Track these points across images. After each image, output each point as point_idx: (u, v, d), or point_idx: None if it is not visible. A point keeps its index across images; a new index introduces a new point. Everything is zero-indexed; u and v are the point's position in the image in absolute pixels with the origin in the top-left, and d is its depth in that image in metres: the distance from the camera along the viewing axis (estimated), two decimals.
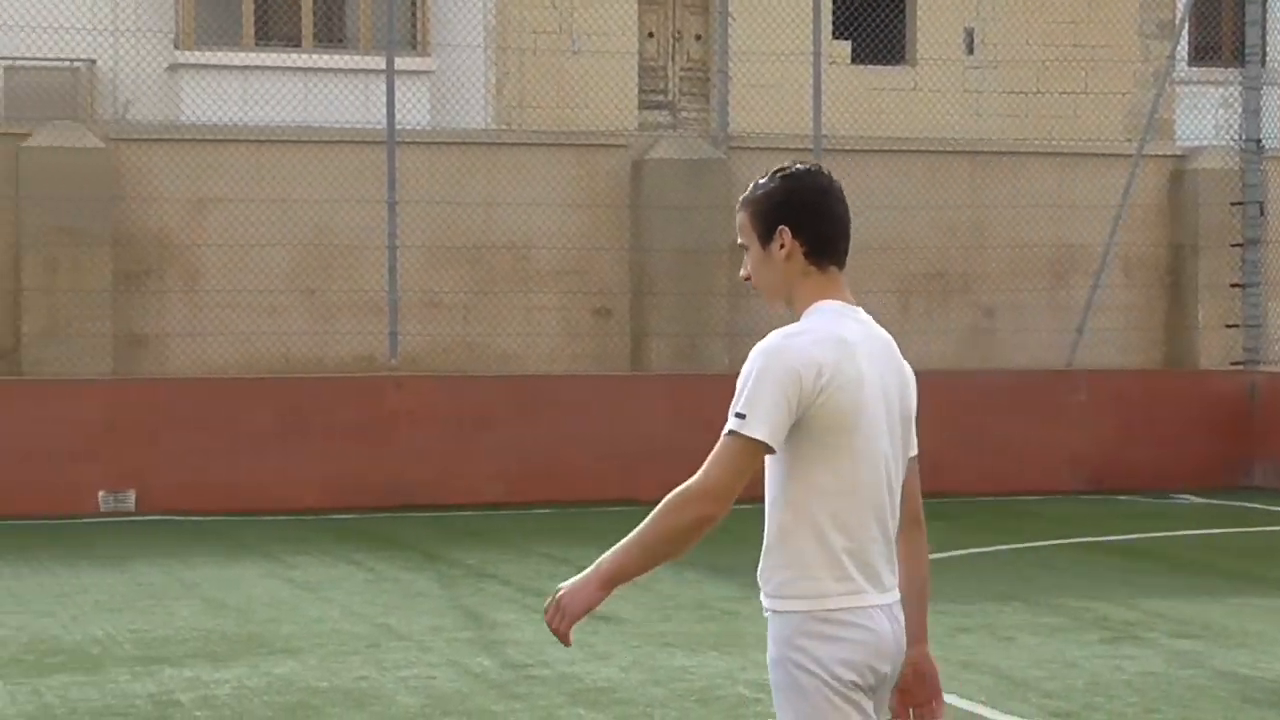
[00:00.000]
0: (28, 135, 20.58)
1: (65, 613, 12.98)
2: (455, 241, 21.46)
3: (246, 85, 23.35)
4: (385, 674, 10.81)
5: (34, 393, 19.01)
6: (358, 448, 19.12)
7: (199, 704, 9.95)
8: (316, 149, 21.34)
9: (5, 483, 18.22)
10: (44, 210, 20.22)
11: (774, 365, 4.65)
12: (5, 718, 9.63)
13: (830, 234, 4.81)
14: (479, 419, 19.67)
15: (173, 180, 20.81)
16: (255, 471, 18.88)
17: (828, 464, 4.68)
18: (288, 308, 21.01)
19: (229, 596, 13.75)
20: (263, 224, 20.81)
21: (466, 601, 13.67)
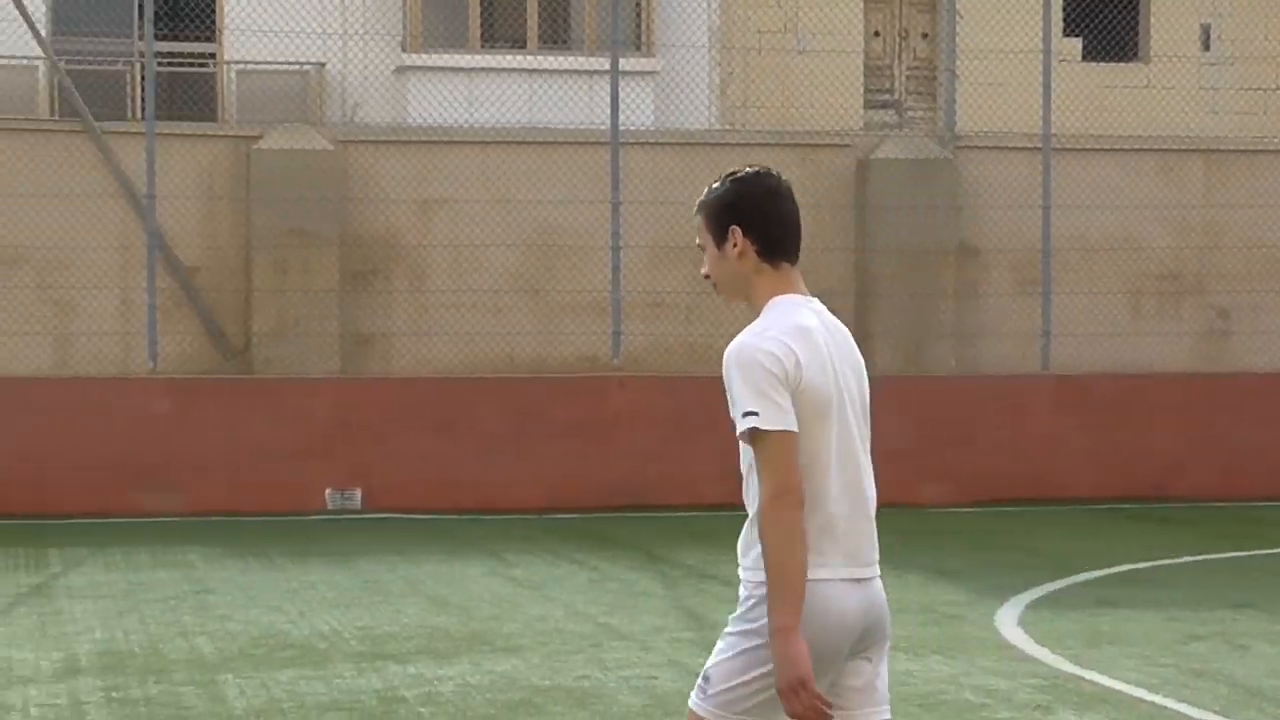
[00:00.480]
0: (259, 138, 20.95)
1: (293, 608, 13.18)
2: (678, 241, 21.40)
3: (472, 87, 23.56)
4: (607, 673, 10.82)
5: (264, 391, 19.34)
6: (581, 448, 19.21)
7: (423, 700, 10.03)
8: (541, 150, 21.48)
9: (236, 480, 18.59)
10: (274, 212, 20.57)
11: (750, 363, 4.90)
12: (234, 711, 9.77)
13: (780, 233, 5.11)
14: (702, 419, 19.57)
15: (399, 182, 21.05)
16: (479, 471, 19.04)
17: (805, 446, 4.89)
18: (512, 308, 21.16)
19: (452, 594, 13.88)
20: (487, 225, 20.98)
21: (689, 602, 13.66)
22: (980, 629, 12.39)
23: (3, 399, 18.62)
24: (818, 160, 21.95)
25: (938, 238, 21.38)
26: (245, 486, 18.52)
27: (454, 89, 23.42)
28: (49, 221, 20.13)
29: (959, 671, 10.78)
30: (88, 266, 20.27)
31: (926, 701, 9.99)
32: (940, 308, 21.53)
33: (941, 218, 21.43)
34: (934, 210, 21.29)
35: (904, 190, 21.44)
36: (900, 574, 15.02)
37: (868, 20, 24.62)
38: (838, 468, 5.01)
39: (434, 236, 21.09)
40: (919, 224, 21.32)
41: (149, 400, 18.81)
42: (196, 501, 18.41)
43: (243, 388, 19.39)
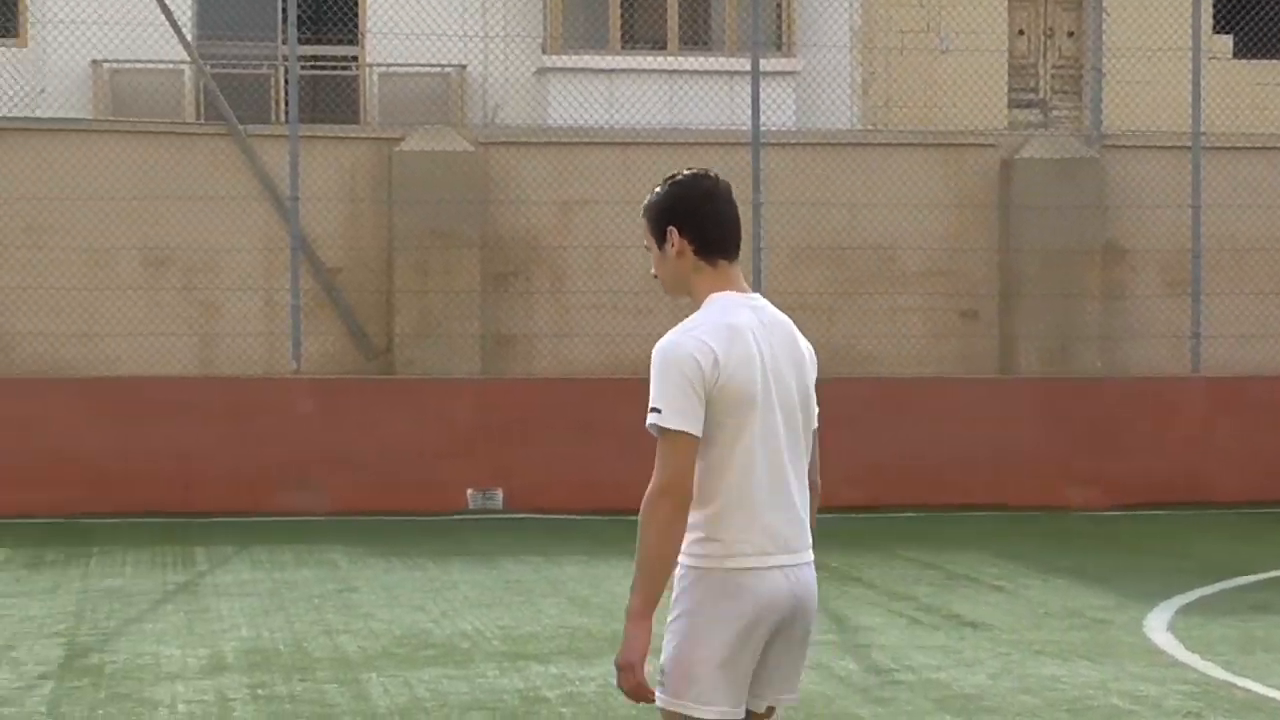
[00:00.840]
0: (400, 140, 21.08)
1: (436, 607, 13.26)
2: (819, 242, 21.41)
3: (612, 88, 23.62)
4: None
5: (406, 392, 19.47)
6: None
7: (565, 700, 10.07)
8: (681, 151, 21.43)
9: (379, 480, 18.72)
10: (416, 213, 20.69)
11: (675, 359, 5.16)
12: (378, 709, 9.84)
13: (716, 233, 5.32)
14: (842, 420, 19.46)
15: (540, 183, 21.12)
16: (620, 471, 18.97)
17: (725, 438, 5.17)
18: (653, 309, 21.11)
19: (594, 595, 13.92)
20: (628, 226, 20.94)
21: (830, 604, 13.58)
22: (1129, 634, 12.25)
23: (150, 399, 18.88)
24: (961, 160, 21.82)
25: (1083, 238, 21.17)
26: (388, 486, 18.65)
27: (594, 90, 23.49)
28: (194, 224, 20.38)
29: (1107, 677, 10.66)
30: (232, 268, 20.50)
31: (1074, 707, 9.89)
32: (1086, 309, 21.31)
33: (1087, 218, 21.22)
34: (1079, 210, 21.08)
35: (1049, 190, 21.24)
36: (1046, 578, 14.91)
37: (1012, 19, 24.45)
38: (762, 460, 5.23)
39: (574, 237, 21.14)
40: (1064, 224, 21.13)
41: (292, 401, 19.00)
42: (340, 501, 18.56)
43: (385, 388, 19.53)
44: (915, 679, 10.63)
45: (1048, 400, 20.22)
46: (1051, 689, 10.35)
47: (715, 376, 5.14)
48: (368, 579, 14.57)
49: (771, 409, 5.27)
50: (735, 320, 5.24)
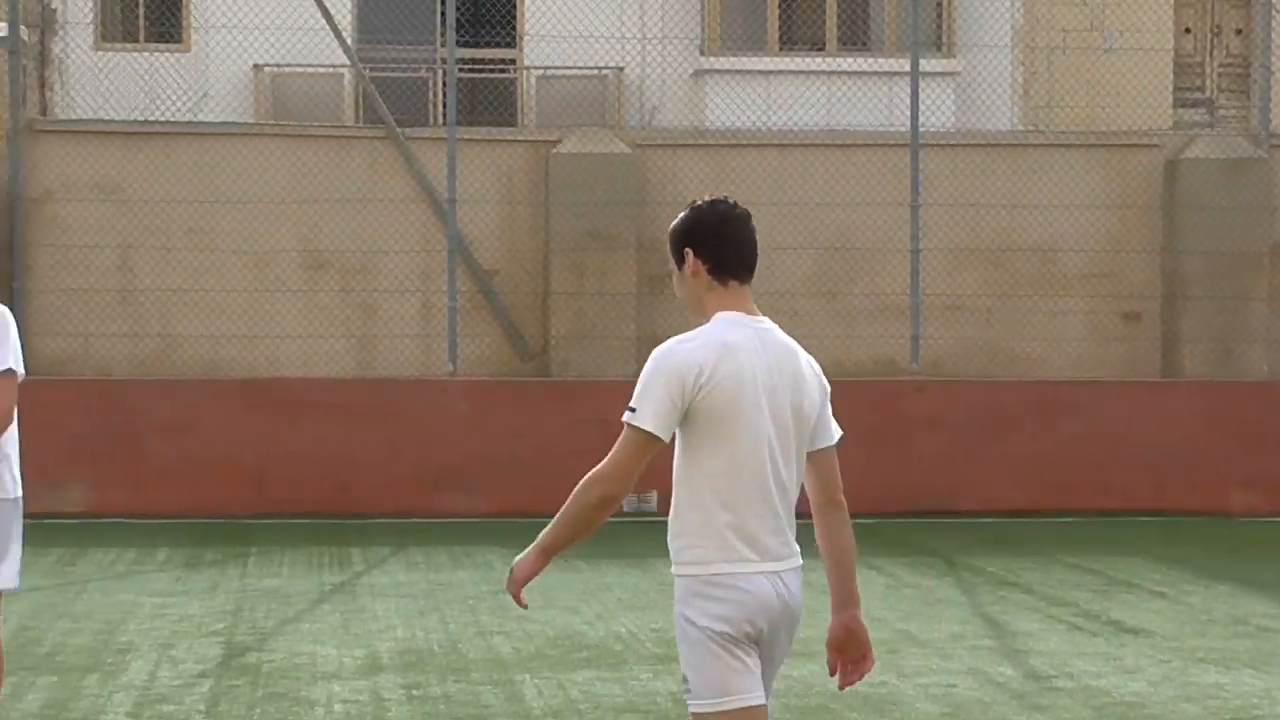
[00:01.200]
0: (557, 142, 21.14)
1: (590, 610, 13.27)
2: (979, 244, 21.21)
3: (770, 90, 23.54)
4: (905, 680, 10.72)
5: (561, 394, 19.50)
6: (877, 452, 19.05)
7: None
8: (839, 152, 21.36)
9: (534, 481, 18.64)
10: (572, 215, 20.73)
11: (662, 367, 5.49)
12: (531, 711, 9.86)
13: (728, 255, 5.67)
14: (1002, 424, 19.41)
15: (697, 184, 21.02)
16: None
17: (713, 449, 5.50)
18: (809, 311, 21.04)
19: None
20: (785, 227, 20.87)
21: (988, 609, 13.47)
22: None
23: (307, 400, 19.05)
24: (1124, 161, 21.54)
25: (1250, 239, 20.83)
26: (543, 488, 18.61)
27: (752, 92, 23.42)
28: (353, 226, 20.55)
29: (1273, 686, 10.47)
30: (390, 270, 20.65)
31: (1238, 717, 9.71)
32: (1252, 311, 20.97)
33: (1254, 218, 20.87)
34: (1246, 211, 20.75)
35: (1215, 190, 20.92)
36: (1209, 584, 14.67)
37: (1178, 17, 24.08)
38: (748, 471, 5.54)
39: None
40: (1230, 225, 20.79)
41: (449, 402, 19.10)
42: (495, 503, 18.61)
43: (540, 390, 19.58)
44: (1074, 686, 10.50)
45: (1211, 404, 19.91)
46: (1214, 698, 10.17)
47: (696, 388, 5.46)
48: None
49: (761, 424, 5.55)
50: (732, 339, 5.55)
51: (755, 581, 5.55)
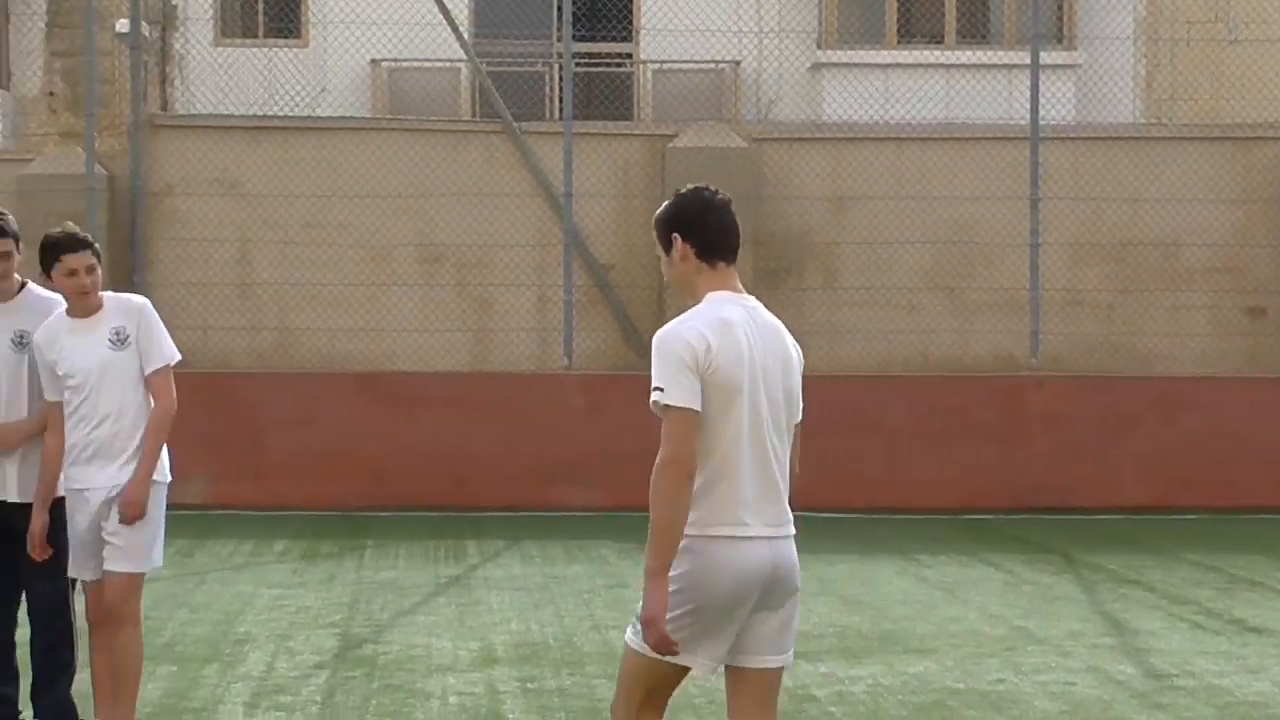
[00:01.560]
0: (674, 136, 21.11)
1: None
2: (1099, 238, 21.00)
3: (888, 83, 23.44)
4: (1023, 678, 10.62)
5: None
6: (995, 448, 18.94)
7: (834, 700, 9.98)
8: (957, 146, 21.21)
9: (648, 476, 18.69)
10: None
11: (672, 345, 5.81)
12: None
13: (713, 238, 6.03)
14: (1123, 420, 19.20)
15: (813, 179, 21.01)
16: (892, 470, 18.90)
17: (716, 423, 5.81)
18: (926, 306, 20.94)
19: (864, 594, 13.79)
20: (902, 222, 20.80)
21: (1108, 607, 13.32)
22: None
23: (423, 394, 19.12)
24: (1249, 154, 21.25)
25: None
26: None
27: (869, 85, 23.32)
28: (469, 220, 20.61)
29: None
30: (506, 264, 20.70)
31: None
32: None
33: None
34: None
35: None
36: None
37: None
38: (748, 441, 5.87)
39: (847, 233, 21.00)
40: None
41: (564, 396, 19.13)
42: (609, 496, 18.58)
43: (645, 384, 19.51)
44: (1196, 685, 10.36)
45: None
46: None
47: (708, 363, 5.79)
48: (637, 575, 14.38)
49: (758, 398, 5.90)
50: (728, 316, 5.91)
51: (748, 547, 5.87)
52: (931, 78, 23.39)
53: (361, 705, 9.79)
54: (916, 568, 15.16)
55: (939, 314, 20.96)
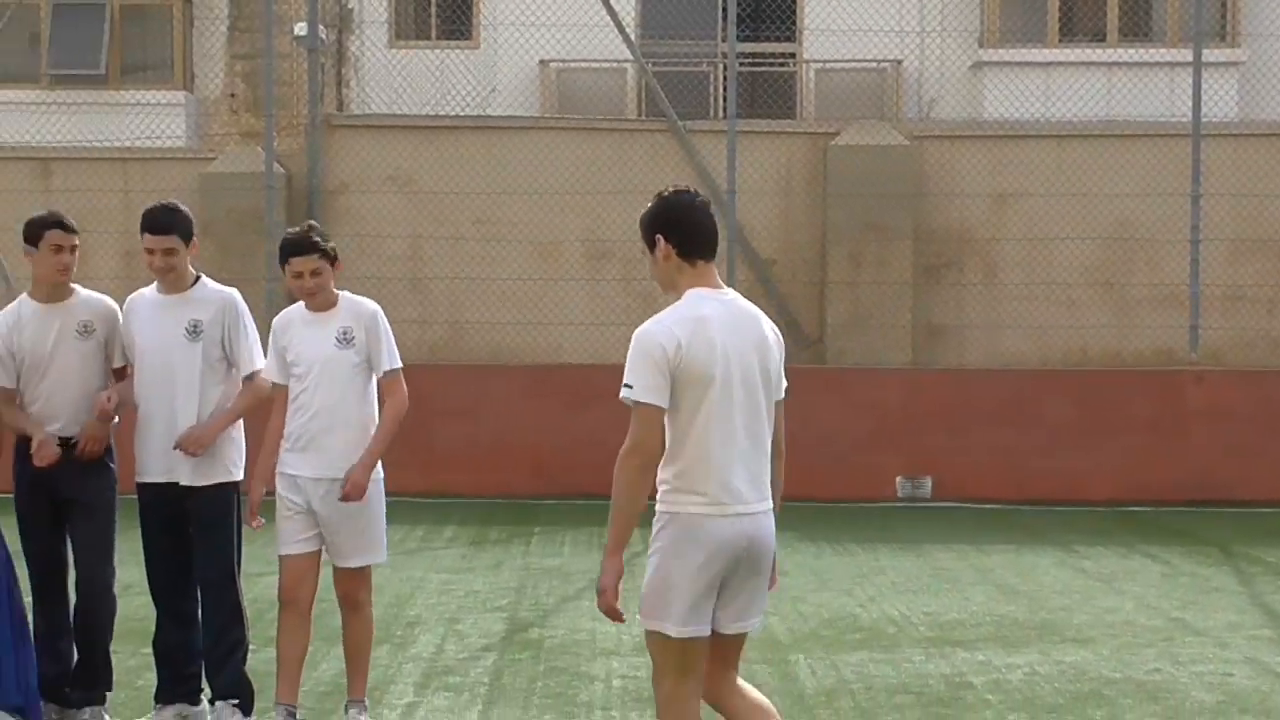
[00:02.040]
0: (836, 134, 21.06)
1: (863, 592, 13.21)
2: (1260, 234, 20.68)
3: (1049, 81, 23.21)
4: (1180, 668, 10.52)
5: (837, 380, 19.39)
6: (1154, 442, 18.72)
7: (990, 688, 9.94)
8: (1118, 143, 20.98)
9: (808, 466, 18.65)
10: (849, 206, 20.63)
11: (645, 346, 6.33)
12: (804, 690, 9.85)
13: (692, 238, 6.48)
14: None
15: (974, 176, 20.86)
16: (1050, 462, 18.73)
17: (691, 411, 6.34)
18: (1086, 301, 20.74)
19: (1022, 584, 13.70)
20: (1062, 218, 20.62)
21: (1267, 599, 13.14)
22: None
23: (591, 387, 19.12)
24: None
25: None
26: (818, 473, 18.60)
27: (1030, 83, 23.10)
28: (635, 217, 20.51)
29: None
30: None
31: None
32: None
33: None
34: None
35: None
36: None
37: None
38: (718, 424, 6.35)
39: (1007, 230, 20.83)
40: None
41: None
42: None
43: (816, 378, 19.47)
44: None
45: None
46: None
47: (678, 360, 6.28)
48: (797, 563, 14.51)
49: (730, 386, 6.36)
50: (703, 312, 6.36)
51: (724, 523, 6.37)
52: (1093, 75, 23.14)
53: (528, 687, 9.89)
54: (1074, 558, 15.03)
55: (1099, 309, 20.74)
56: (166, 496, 8.64)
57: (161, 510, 8.69)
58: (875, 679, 10.14)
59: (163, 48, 24.68)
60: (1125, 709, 9.45)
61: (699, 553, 6.35)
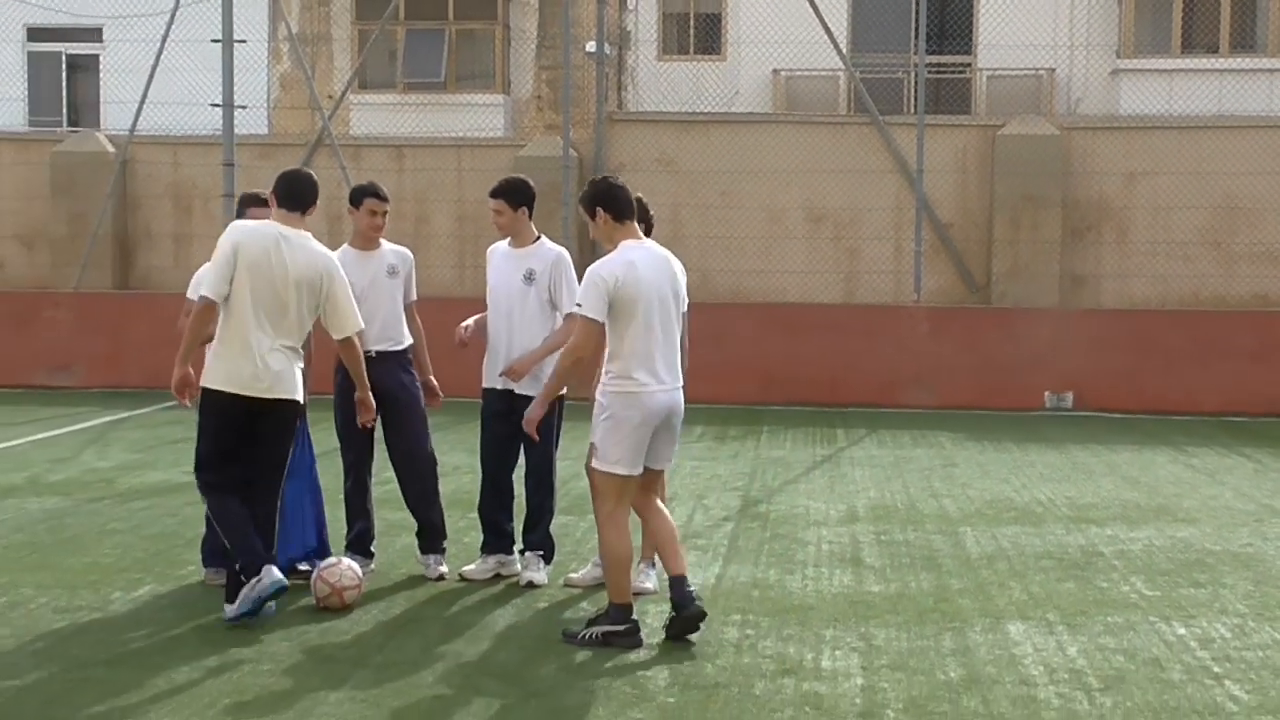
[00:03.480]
0: (1001, 126, 20.70)
1: (1017, 480, 13.06)
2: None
3: (1172, 85, 22.60)
4: (1267, 543, 10.28)
5: (1000, 318, 19.11)
6: (1253, 366, 18.17)
7: (1116, 556, 9.82)
8: (1226, 133, 20.32)
9: (977, 383, 18.47)
10: (1011, 182, 20.30)
11: (593, 279, 7.22)
12: (970, 555, 9.83)
13: (620, 207, 7.43)
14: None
15: (1110, 159, 20.39)
16: (1167, 381, 18.30)
17: (628, 320, 7.27)
18: (1198, 256, 20.19)
19: (1142, 475, 13.44)
20: (1181, 191, 20.08)
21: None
22: None
23: (807, 320, 19.12)
24: None
25: None
26: (983, 389, 18.43)
27: (1156, 87, 22.55)
28: (843, 190, 20.57)
29: None
30: (870, 223, 20.61)
31: None
32: None
33: None
34: None
35: None
36: None
37: None
38: (644, 331, 7.28)
39: (1137, 200, 20.35)
40: None
41: (913, 323, 18.95)
42: (946, 399, 18.43)
43: (983, 315, 19.26)
44: None
45: None
46: None
47: (614, 289, 7.19)
48: (965, 458, 14.44)
49: (652, 304, 7.27)
50: (632, 257, 7.30)
51: (654, 396, 7.31)
52: (1207, 81, 22.46)
53: (758, 549, 9.96)
54: (1184, 457, 14.69)
55: (1208, 262, 20.19)
56: (504, 399, 8.65)
57: (498, 408, 8.72)
58: (1026, 547, 10.05)
59: (486, 61, 25.04)
60: (1223, 574, 9.28)
61: (636, 415, 7.25)
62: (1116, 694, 6.74)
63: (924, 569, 9.34)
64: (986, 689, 6.78)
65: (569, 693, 6.71)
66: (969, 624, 7.96)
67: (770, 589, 8.77)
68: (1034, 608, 8.34)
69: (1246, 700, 6.67)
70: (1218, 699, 6.68)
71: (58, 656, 7.23)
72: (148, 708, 6.46)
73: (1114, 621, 8.04)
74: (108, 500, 11.43)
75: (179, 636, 7.62)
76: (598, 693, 6.69)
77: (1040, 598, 8.60)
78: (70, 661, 7.14)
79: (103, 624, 7.85)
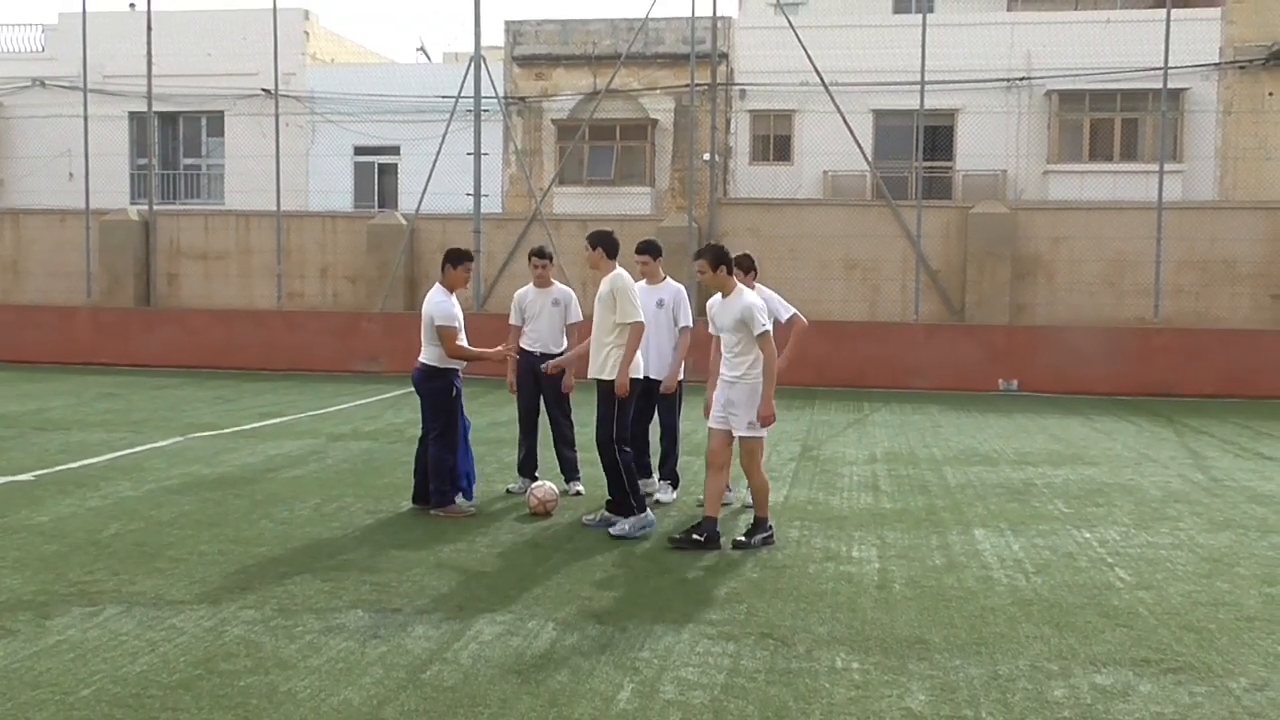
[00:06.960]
0: (972, 207, 20.16)
1: (980, 436, 12.54)
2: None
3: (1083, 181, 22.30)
4: (1144, 478, 10.07)
5: (970, 331, 18.42)
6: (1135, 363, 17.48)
7: (1045, 486, 9.65)
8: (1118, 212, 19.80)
9: (958, 373, 17.66)
10: (978, 243, 19.85)
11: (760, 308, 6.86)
12: (949, 485, 9.52)
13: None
14: None
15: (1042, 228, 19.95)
16: (1081, 373, 17.68)
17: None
18: (1099, 292, 19.35)
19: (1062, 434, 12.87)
20: (1088, 250, 19.56)
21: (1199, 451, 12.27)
22: None
23: (845, 332, 18.46)
24: None
25: None
26: (959, 377, 18.06)
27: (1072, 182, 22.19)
28: (868, 249, 20.16)
29: None
30: (886, 270, 20.15)
31: None
32: None
33: None
34: None
35: None
36: None
37: None
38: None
39: (1060, 256, 19.69)
40: None
41: (914, 334, 18.39)
42: (935, 384, 18.01)
43: (959, 329, 18.52)
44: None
45: None
46: None
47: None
48: (947, 422, 14.07)
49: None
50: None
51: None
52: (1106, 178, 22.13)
53: (811, 479, 9.77)
54: (1090, 422, 14.05)
55: (1107, 296, 19.50)
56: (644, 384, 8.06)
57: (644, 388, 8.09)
58: (986, 479, 9.91)
59: (640, 166, 25.11)
60: (1114, 498, 9.15)
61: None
62: (1045, 575, 6.72)
63: (919, 493, 9.16)
64: (959, 571, 6.75)
65: (691, 569, 6.70)
66: (948, 529, 7.84)
67: (819, 505, 8.58)
68: (991, 519, 8.21)
69: (1130, 580, 6.65)
70: (1110, 580, 6.65)
71: (367, 541, 7.18)
72: (429, 559, 6.71)
73: (1043, 529, 7.98)
74: (400, 443, 11.19)
75: (443, 528, 7.61)
76: (708, 568, 6.68)
77: (995, 512, 8.46)
78: (375, 545, 7.12)
79: (397, 520, 7.79)
